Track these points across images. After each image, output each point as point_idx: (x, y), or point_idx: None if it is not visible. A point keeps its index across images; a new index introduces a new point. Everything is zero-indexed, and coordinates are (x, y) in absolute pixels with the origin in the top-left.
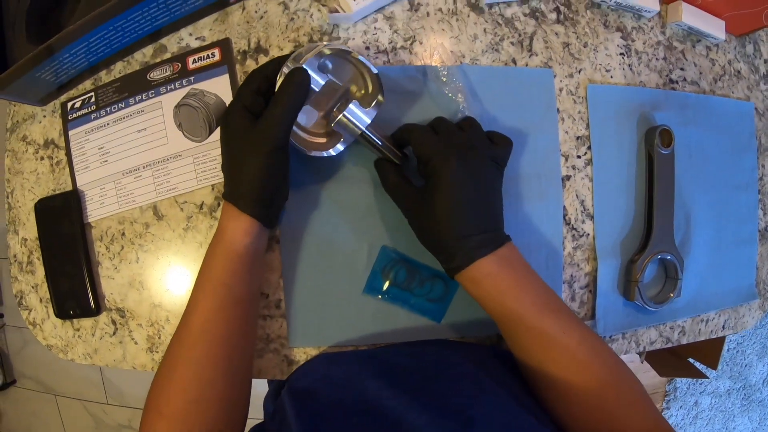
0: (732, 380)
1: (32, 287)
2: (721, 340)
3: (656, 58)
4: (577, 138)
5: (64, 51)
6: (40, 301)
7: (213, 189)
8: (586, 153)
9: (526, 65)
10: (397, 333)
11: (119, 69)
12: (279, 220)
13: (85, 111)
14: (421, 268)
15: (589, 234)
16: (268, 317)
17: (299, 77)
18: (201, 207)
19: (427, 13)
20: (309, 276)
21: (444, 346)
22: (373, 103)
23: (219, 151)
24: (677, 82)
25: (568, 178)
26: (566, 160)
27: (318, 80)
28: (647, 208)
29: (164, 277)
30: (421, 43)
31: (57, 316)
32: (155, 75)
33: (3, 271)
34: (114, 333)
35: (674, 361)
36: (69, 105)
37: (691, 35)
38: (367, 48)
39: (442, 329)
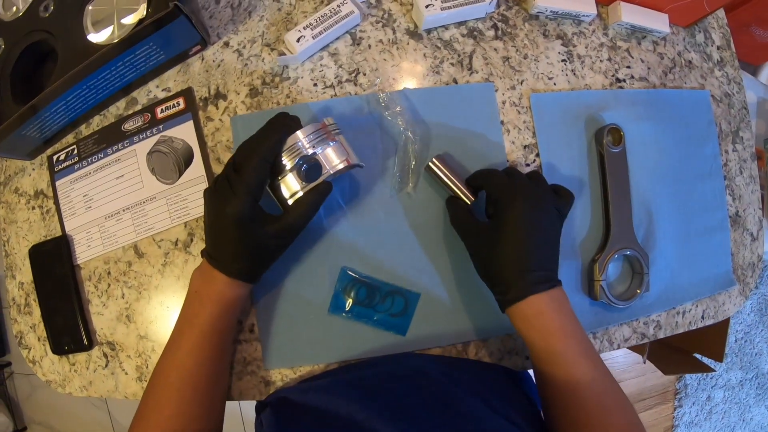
0: (743, 371)
1: (30, 327)
2: (723, 331)
3: (600, 60)
4: (525, 147)
5: (45, 109)
6: (38, 339)
7: (186, 226)
8: (534, 160)
9: (468, 83)
10: (365, 349)
11: (97, 122)
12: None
13: (69, 162)
14: (380, 285)
15: None
16: (244, 341)
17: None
18: (176, 243)
19: (369, 46)
20: (278, 300)
21: (414, 363)
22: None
23: (187, 192)
24: (624, 81)
25: None
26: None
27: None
28: (603, 207)
29: (148, 310)
30: (365, 74)
31: (54, 352)
32: (129, 126)
33: (7, 319)
34: (106, 365)
35: (678, 358)
36: (54, 158)
37: (636, 33)
38: (315, 84)
39: (407, 342)
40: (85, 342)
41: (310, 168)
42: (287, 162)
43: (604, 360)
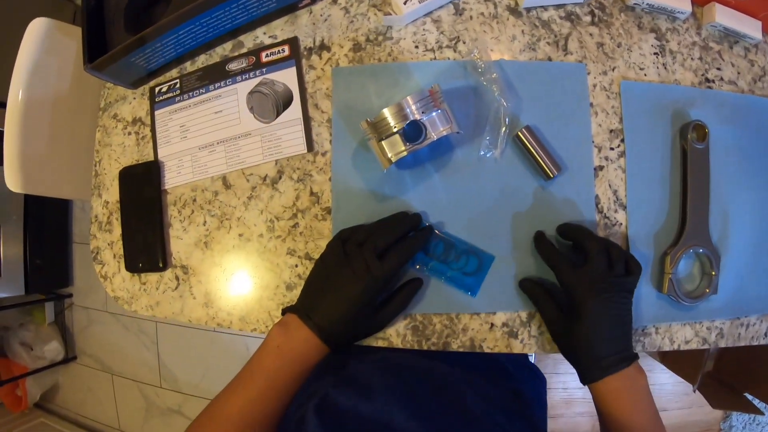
0: None
1: (108, 244)
2: None
3: (691, 58)
4: (611, 131)
5: (156, 41)
6: (114, 257)
7: (276, 164)
8: (619, 145)
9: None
10: (436, 308)
11: (202, 60)
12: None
13: (170, 95)
14: (456, 243)
15: (621, 223)
16: None
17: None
18: (264, 179)
19: (471, 17)
20: None
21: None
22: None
23: (282, 132)
24: (714, 81)
25: (601, 168)
26: (599, 151)
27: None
28: (681, 202)
29: (226, 239)
30: (464, 43)
31: (127, 269)
32: (233, 66)
33: (75, 254)
34: (176, 288)
35: (728, 394)
36: (157, 89)
37: (728, 36)
38: (416, 47)
39: (477, 303)
40: (161, 263)
41: (415, 131)
42: (395, 124)
43: (653, 385)
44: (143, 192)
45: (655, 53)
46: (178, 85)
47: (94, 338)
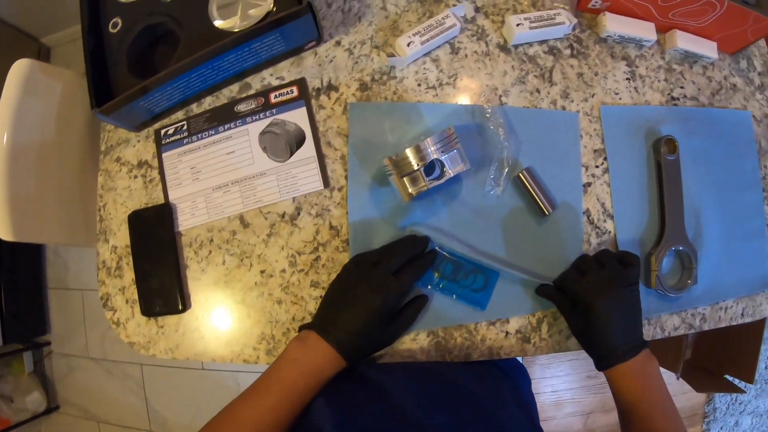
0: None
1: (119, 290)
2: (754, 355)
3: (658, 80)
4: (595, 151)
5: (165, 85)
6: (126, 302)
7: (294, 201)
8: (603, 163)
9: (548, 93)
10: (450, 321)
11: (209, 102)
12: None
13: (178, 137)
14: (464, 263)
15: (610, 231)
16: None
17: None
18: (283, 216)
19: (466, 55)
20: None
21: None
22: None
23: (297, 170)
24: (678, 99)
25: (589, 184)
26: (586, 169)
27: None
28: (660, 208)
29: (247, 277)
30: (462, 80)
31: (143, 314)
32: (242, 107)
33: (50, 300)
34: (197, 328)
35: (709, 378)
36: (162, 132)
37: (688, 57)
38: (419, 85)
39: (486, 315)
40: (180, 306)
41: (433, 168)
42: (417, 162)
43: None
44: (156, 235)
45: (627, 78)
46: (185, 127)
47: (76, 386)
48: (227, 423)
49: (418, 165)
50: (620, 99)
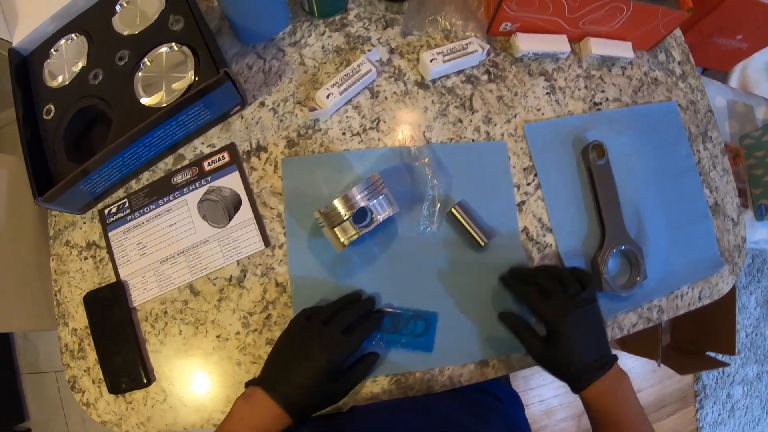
0: (759, 364)
1: (84, 371)
2: (731, 326)
3: (578, 89)
4: (524, 169)
5: (103, 166)
6: (93, 382)
7: (238, 264)
8: (534, 179)
9: (471, 121)
10: (401, 369)
11: (146, 177)
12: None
13: (121, 215)
14: (401, 313)
15: (552, 245)
16: None
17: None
18: (230, 280)
19: (385, 97)
20: None
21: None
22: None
23: (238, 233)
24: (601, 103)
25: (523, 203)
26: (518, 189)
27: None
28: (597, 212)
29: (205, 343)
30: (384, 122)
31: (111, 392)
32: (178, 179)
33: (27, 387)
34: (164, 400)
35: (691, 358)
36: (106, 211)
37: (606, 62)
38: (344, 133)
39: (434, 358)
40: (144, 380)
41: (362, 216)
42: (345, 212)
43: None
44: (112, 313)
45: (547, 93)
46: (127, 204)
47: None
48: None
49: (346, 214)
50: (543, 114)
